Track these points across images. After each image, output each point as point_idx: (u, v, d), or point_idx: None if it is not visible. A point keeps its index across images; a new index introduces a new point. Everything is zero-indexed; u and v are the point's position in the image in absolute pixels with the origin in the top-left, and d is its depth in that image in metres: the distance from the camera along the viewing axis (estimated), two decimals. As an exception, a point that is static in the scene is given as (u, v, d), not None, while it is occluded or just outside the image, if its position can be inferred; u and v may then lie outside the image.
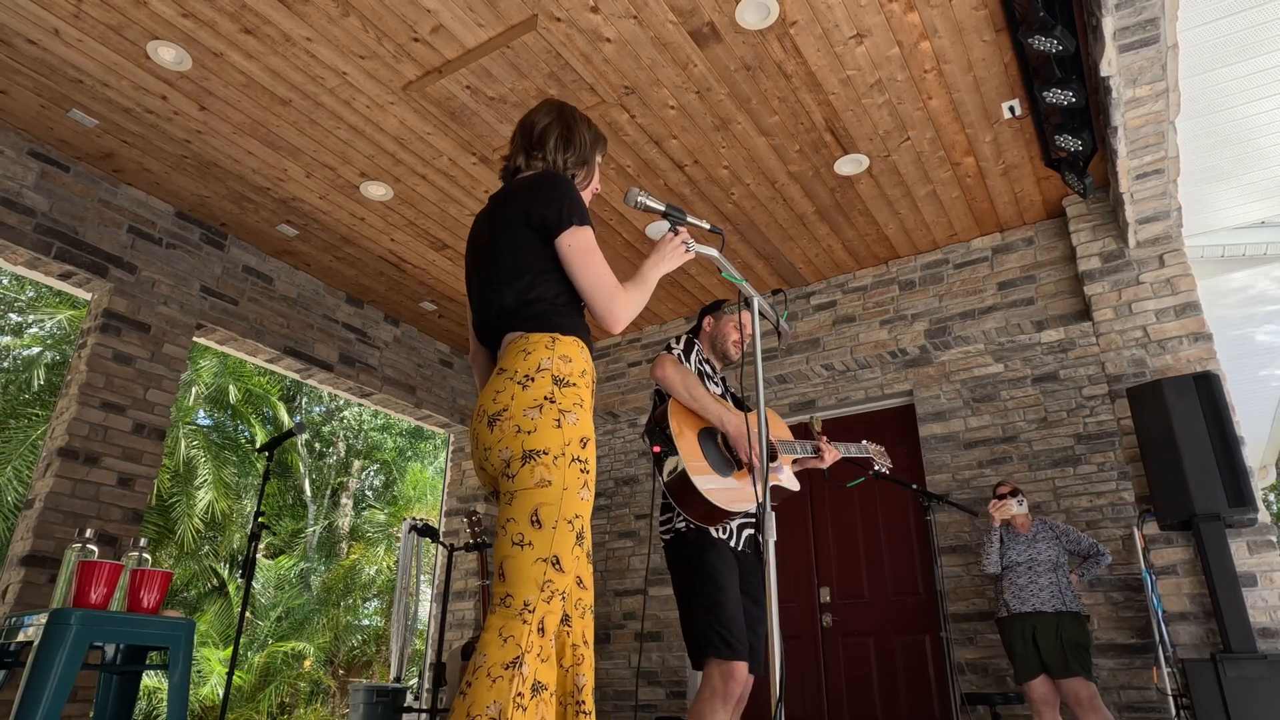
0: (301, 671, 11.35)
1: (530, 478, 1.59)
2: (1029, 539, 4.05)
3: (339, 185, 4.61)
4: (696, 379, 2.58)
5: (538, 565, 1.54)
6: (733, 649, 2.36)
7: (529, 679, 1.47)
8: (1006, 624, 3.97)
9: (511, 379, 1.67)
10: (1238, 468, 3.59)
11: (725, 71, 3.71)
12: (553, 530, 1.56)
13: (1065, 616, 3.84)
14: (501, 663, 1.46)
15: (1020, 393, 4.81)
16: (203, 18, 3.45)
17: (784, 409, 5.69)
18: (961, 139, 4.16)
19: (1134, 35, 3.17)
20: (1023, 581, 3.97)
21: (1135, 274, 4.31)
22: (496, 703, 1.43)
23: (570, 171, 1.95)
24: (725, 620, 2.39)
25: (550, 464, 1.59)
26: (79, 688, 3.88)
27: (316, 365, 5.53)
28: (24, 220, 4.18)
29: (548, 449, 1.60)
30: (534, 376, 1.66)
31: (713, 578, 2.46)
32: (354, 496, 14.24)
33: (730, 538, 2.58)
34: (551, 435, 1.61)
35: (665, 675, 5.47)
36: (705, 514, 2.45)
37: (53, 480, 4.09)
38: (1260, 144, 3.96)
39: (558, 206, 1.76)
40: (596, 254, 1.77)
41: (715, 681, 2.34)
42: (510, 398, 1.65)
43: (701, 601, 2.43)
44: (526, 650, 1.48)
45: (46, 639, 2.36)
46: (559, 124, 1.96)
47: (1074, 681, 3.70)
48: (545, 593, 1.54)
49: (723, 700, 2.33)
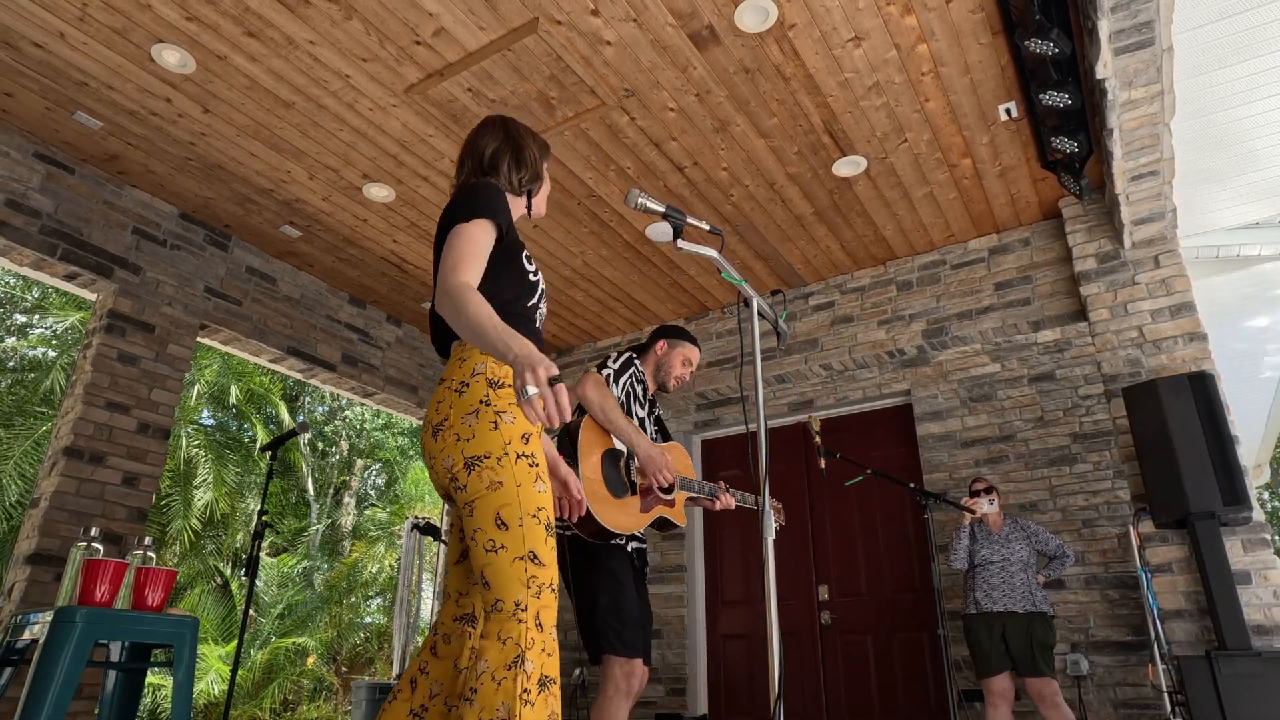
0: (304, 668, 11.39)
1: (480, 484, 1.60)
2: (1002, 539, 4.11)
3: (341, 187, 4.64)
4: (615, 403, 2.62)
5: (517, 565, 1.56)
6: (632, 648, 2.48)
7: (533, 675, 1.49)
8: (975, 620, 4.05)
9: (449, 387, 1.69)
10: (1232, 466, 3.61)
11: (724, 74, 3.74)
12: (520, 528, 1.58)
13: (1035, 617, 3.95)
14: (504, 664, 1.48)
15: (1017, 392, 4.84)
16: (206, 21, 3.49)
17: (783, 408, 5.73)
18: (959, 141, 4.18)
19: (1129, 38, 3.19)
20: (995, 581, 4.04)
21: (1131, 275, 4.34)
22: (505, 703, 1.45)
23: (525, 189, 1.97)
24: (624, 619, 2.50)
25: (495, 466, 1.60)
26: (84, 685, 3.91)
27: (319, 365, 5.57)
28: (29, 222, 4.22)
29: (489, 453, 1.61)
30: (469, 382, 1.68)
31: (614, 577, 2.56)
32: (356, 495, 14.28)
33: (626, 544, 2.68)
34: (490, 438, 1.62)
35: (665, 672, 5.50)
36: (595, 533, 2.53)
37: (58, 479, 4.12)
38: (1255, 146, 3.99)
39: (454, 213, 1.76)
40: (464, 245, 1.68)
41: (618, 680, 2.46)
42: (449, 406, 1.67)
43: (604, 601, 2.53)
44: (527, 648, 1.51)
45: (52, 637, 2.38)
46: (508, 145, 1.97)
47: (1040, 681, 3.82)
48: (532, 589, 1.56)
49: (625, 697, 2.46)
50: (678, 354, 2.96)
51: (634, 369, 2.84)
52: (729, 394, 5.88)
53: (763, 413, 2.03)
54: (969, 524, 4.21)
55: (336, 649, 12.06)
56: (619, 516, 2.55)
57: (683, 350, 2.97)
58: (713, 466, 6.15)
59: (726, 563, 5.80)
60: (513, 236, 1.84)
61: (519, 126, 2.02)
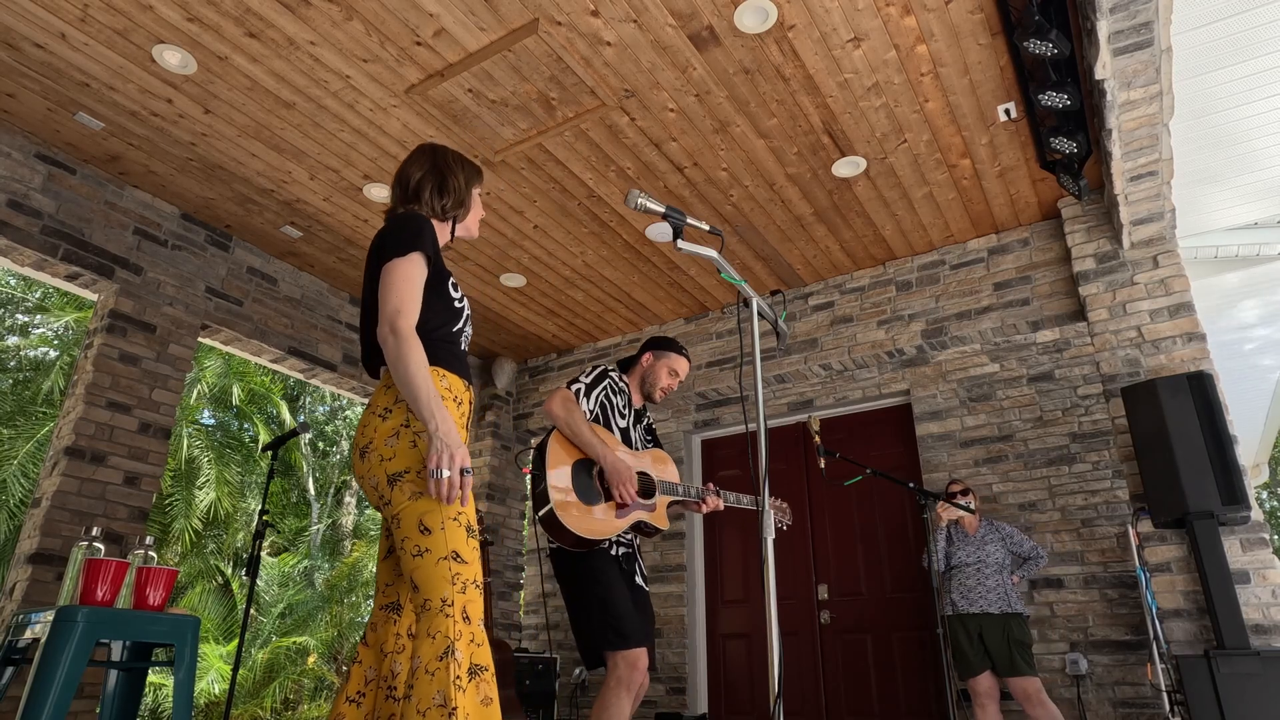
0: (305, 668, 11.40)
1: (403, 496, 1.72)
2: (978, 540, 4.17)
3: (342, 187, 4.65)
4: (581, 416, 2.68)
5: (441, 565, 1.67)
6: (628, 638, 2.51)
7: (464, 663, 1.60)
8: (952, 622, 4.11)
9: (374, 413, 1.82)
10: (1231, 466, 3.62)
11: (724, 75, 3.75)
12: (442, 530, 1.70)
13: (1010, 618, 4.01)
14: (435, 655, 1.59)
15: (1016, 392, 4.85)
16: (207, 22, 3.50)
17: (782, 408, 5.74)
18: (958, 141, 4.19)
19: (1128, 39, 3.20)
20: (971, 583, 4.09)
21: (1129, 275, 4.35)
22: (440, 691, 1.55)
23: (449, 215, 2.05)
24: (616, 613, 2.54)
25: (415, 479, 1.73)
26: (85, 684, 3.92)
27: (320, 365, 5.58)
28: (31, 222, 4.23)
29: (408, 469, 1.73)
30: (391, 409, 1.80)
31: (596, 577, 2.62)
32: (357, 495, 14.29)
33: (611, 548, 2.73)
34: (409, 455, 1.74)
35: (665, 671, 5.51)
36: (575, 542, 2.60)
37: (60, 479, 4.13)
38: (1253, 146, 4.00)
39: (384, 246, 1.85)
40: (398, 283, 1.78)
41: (620, 670, 2.49)
42: (374, 430, 1.80)
43: (592, 602, 2.58)
44: (455, 639, 1.61)
45: (53, 636, 2.39)
46: (433, 174, 2.05)
47: (1022, 680, 3.88)
48: (457, 585, 1.67)
49: (627, 688, 2.48)
50: (663, 365, 3.02)
51: (609, 381, 2.91)
52: (729, 394, 5.88)
53: (762, 413, 2.04)
54: (945, 526, 4.27)
55: (337, 648, 12.07)
56: (592, 524, 2.61)
57: (668, 361, 3.03)
58: (712, 466, 6.16)
59: (726, 562, 5.81)
60: (438, 264, 1.92)
61: (448, 155, 2.10)
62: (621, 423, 2.91)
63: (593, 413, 2.79)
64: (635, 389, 3.04)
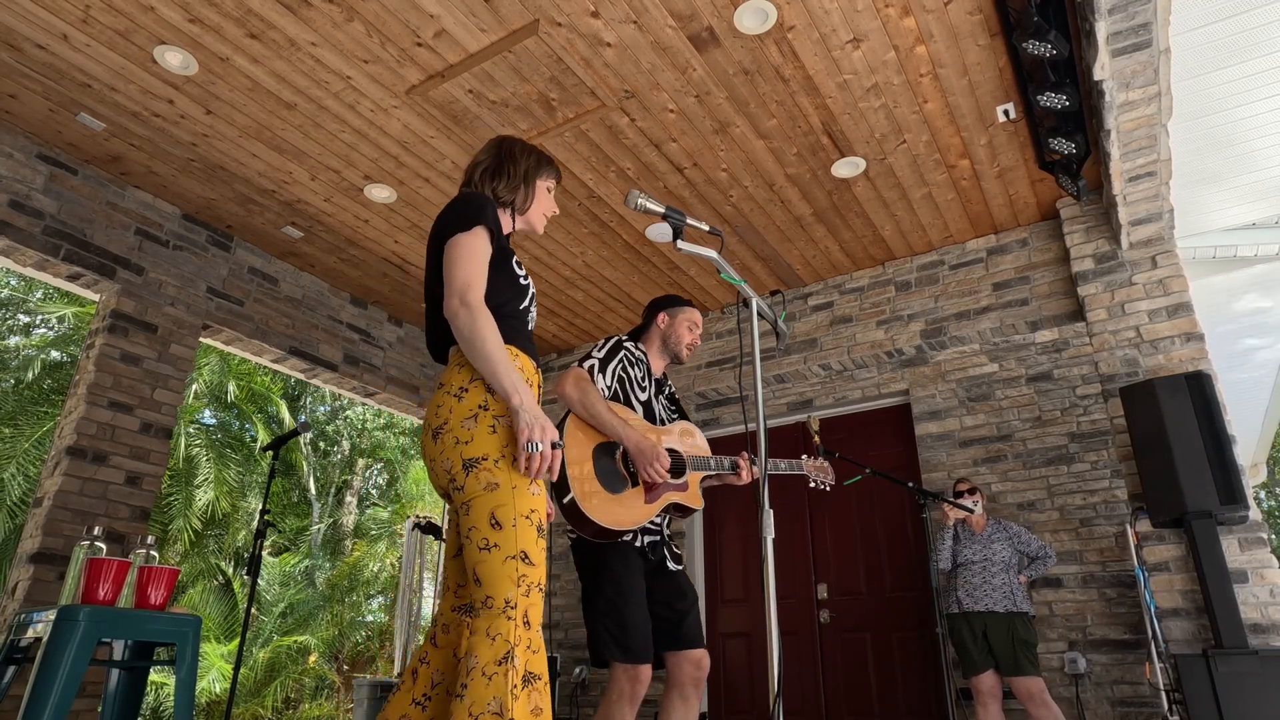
0: (306, 667, 11.42)
1: (477, 484, 1.65)
2: (985, 539, 4.18)
3: (343, 188, 4.66)
4: (597, 395, 2.48)
5: (509, 564, 1.61)
6: (633, 654, 2.38)
7: (520, 671, 1.54)
8: (957, 620, 4.11)
9: (448, 393, 1.75)
10: (1229, 466, 3.63)
11: (724, 76, 3.76)
12: (514, 528, 1.63)
13: (1016, 617, 4.00)
14: (494, 659, 1.53)
15: (1015, 392, 4.86)
16: (209, 23, 3.51)
17: (782, 408, 5.75)
18: (957, 142, 4.20)
19: (1127, 40, 3.21)
20: (977, 580, 4.10)
21: (1128, 275, 4.36)
22: (496, 698, 1.49)
23: (504, 198, 2.01)
24: (625, 625, 2.40)
25: (492, 468, 1.65)
26: (87, 683, 3.94)
27: (321, 365, 5.59)
28: (33, 222, 4.24)
29: (486, 455, 1.66)
30: (467, 388, 1.73)
31: (614, 581, 2.46)
32: (358, 494, 14.31)
33: (635, 539, 2.56)
34: (488, 441, 1.67)
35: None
36: (597, 533, 2.42)
37: (61, 479, 4.15)
38: (1251, 147, 4.01)
39: (447, 224, 1.83)
40: (465, 257, 1.76)
41: (623, 685, 2.38)
42: (449, 411, 1.72)
43: (602, 606, 2.44)
44: (515, 644, 1.55)
45: (55, 635, 2.40)
46: (491, 158, 2.04)
47: (1025, 679, 3.87)
48: (522, 587, 1.60)
49: (630, 702, 2.38)
50: (682, 321, 2.82)
51: (625, 352, 2.70)
52: (728, 394, 5.89)
53: (762, 412, 2.05)
54: (953, 524, 4.28)
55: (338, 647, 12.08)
56: (618, 512, 2.43)
57: (685, 315, 2.84)
58: (713, 466, 6.16)
59: (726, 561, 5.82)
60: (502, 242, 1.89)
61: (514, 145, 2.07)
62: (642, 395, 2.70)
63: (610, 389, 2.59)
64: (655, 355, 2.83)
